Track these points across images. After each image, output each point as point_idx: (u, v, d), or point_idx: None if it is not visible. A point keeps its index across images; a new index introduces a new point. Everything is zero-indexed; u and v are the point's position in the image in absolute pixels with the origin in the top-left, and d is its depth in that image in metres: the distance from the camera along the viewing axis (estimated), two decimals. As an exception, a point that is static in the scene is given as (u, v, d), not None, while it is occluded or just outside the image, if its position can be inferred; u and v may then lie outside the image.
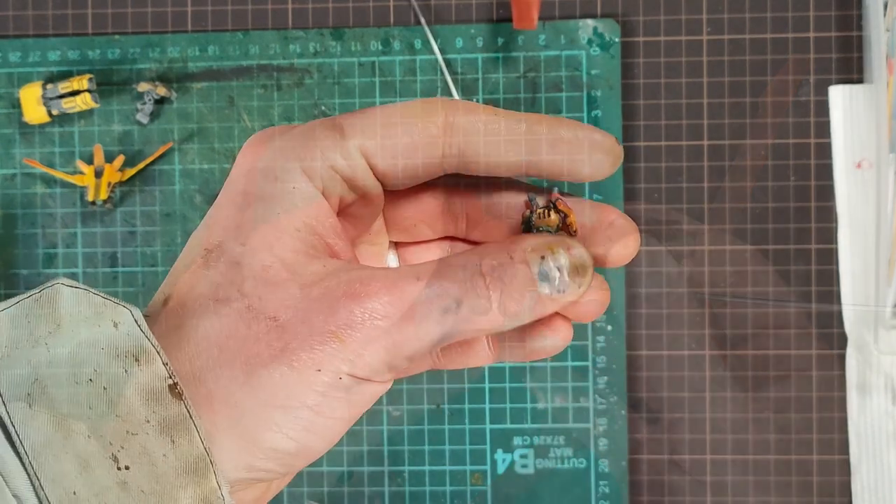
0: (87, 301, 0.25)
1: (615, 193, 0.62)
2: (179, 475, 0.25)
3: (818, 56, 0.62)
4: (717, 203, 0.63)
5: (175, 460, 0.25)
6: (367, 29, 0.63)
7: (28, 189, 0.65)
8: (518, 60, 0.63)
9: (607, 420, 0.63)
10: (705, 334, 0.63)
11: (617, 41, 0.62)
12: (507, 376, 0.63)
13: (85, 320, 0.25)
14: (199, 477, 0.25)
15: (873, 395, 0.61)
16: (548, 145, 0.29)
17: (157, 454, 0.24)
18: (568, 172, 0.30)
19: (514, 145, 0.29)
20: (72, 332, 0.25)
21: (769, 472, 0.63)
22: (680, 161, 0.63)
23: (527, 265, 0.27)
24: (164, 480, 0.24)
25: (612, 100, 0.62)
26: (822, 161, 0.62)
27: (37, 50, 0.65)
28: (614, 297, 0.62)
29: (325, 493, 0.64)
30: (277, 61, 0.64)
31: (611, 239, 0.30)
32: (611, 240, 0.30)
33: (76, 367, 0.24)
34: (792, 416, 0.63)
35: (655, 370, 0.63)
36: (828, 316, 0.62)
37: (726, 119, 0.62)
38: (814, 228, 0.62)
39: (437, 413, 0.64)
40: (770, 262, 0.63)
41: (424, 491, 0.64)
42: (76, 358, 0.24)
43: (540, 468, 0.63)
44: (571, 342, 0.62)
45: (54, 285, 0.25)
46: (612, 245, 0.30)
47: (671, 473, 0.63)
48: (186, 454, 0.25)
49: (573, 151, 0.29)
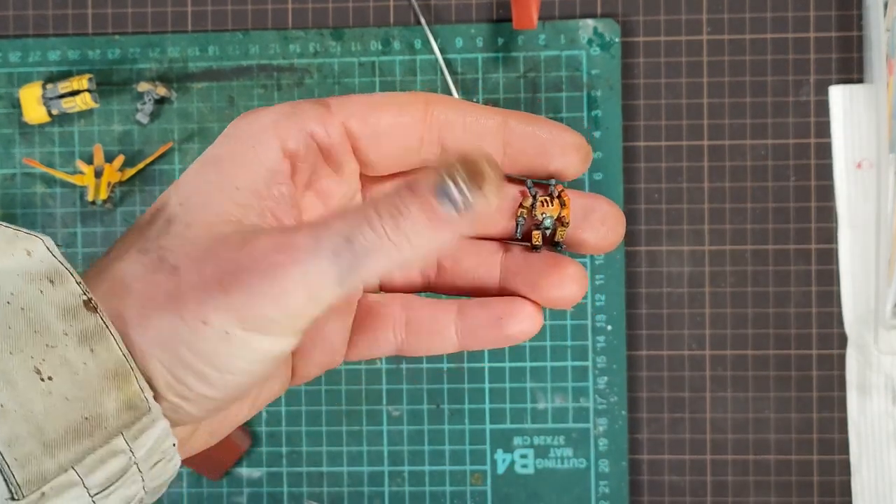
0: (1, 234, 0.26)
1: (615, 193, 0.62)
2: (101, 381, 0.26)
3: (818, 56, 0.62)
4: (717, 203, 0.63)
5: (96, 367, 0.26)
6: (367, 29, 0.63)
7: (28, 189, 0.65)
8: (518, 60, 0.63)
9: (607, 420, 0.63)
10: (705, 334, 0.63)
11: (617, 41, 0.62)
12: (507, 376, 0.63)
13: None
14: (120, 381, 0.26)
15: (873, 394, 0.61)
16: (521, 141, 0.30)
17: (77, 363, 0.26)
18: (540, 169, 0.31)
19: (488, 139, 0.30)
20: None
21: (769, 472, 0.63)
22: (680, 161, 0.63)
23: (421, 188, 0.26)
24: (87, 387, 0.26)
25: (612, 100, 0.62)
26: (822, 161, 0.62)
27: (37, 50, 0.65)
28: (615, 297, 0.62)
29: (325, 493, 0.64)
30: (277, 61, 0.64)
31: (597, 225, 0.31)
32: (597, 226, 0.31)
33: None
34: (792, 416, 0.63)
35: (655, 370, 0.63)
36: (828, 316, 0.62)
37: (726, 119, 0.62)
38: (814, 228, 0.62)
39: (437, 413, 0.64)
40: (770, 263, 0.63)
41: (424, 491, 0.64)
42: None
43: (540, 468, 0.63)
44: (571, 342, 0.63)
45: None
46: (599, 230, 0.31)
47: (671, 473, 0.63)
48: (106, 361, 0.26)
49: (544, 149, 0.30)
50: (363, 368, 0.64)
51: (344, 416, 0.64)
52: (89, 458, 0.26)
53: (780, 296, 0.62)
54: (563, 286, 0.30)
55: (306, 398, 0.64)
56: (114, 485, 0.27)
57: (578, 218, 0.31)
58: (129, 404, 0.27)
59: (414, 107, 0.30)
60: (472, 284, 0.33)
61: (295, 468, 0.64)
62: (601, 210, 0.31)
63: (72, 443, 0.26)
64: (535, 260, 0.31)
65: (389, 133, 0.30)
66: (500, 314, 0.31)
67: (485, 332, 0.31)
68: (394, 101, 0.30)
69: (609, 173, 0.62)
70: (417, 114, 0.30)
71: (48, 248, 0.26)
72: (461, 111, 0.30)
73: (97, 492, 0.26)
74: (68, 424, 0.26)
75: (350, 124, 0.30)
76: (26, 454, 0.25)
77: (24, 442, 0.25)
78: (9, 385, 0.25)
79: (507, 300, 0.31)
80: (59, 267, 0.26)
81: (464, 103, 0.31)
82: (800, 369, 0.62)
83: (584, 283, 0.31)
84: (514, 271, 0.32)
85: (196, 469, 0.64)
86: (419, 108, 0.30)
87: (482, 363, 0.63)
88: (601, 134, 0.62)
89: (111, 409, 0.26)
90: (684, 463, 0.63)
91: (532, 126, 0.31)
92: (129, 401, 0.26)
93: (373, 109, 0.30)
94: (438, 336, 0.32)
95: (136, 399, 0.27)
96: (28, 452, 0.25)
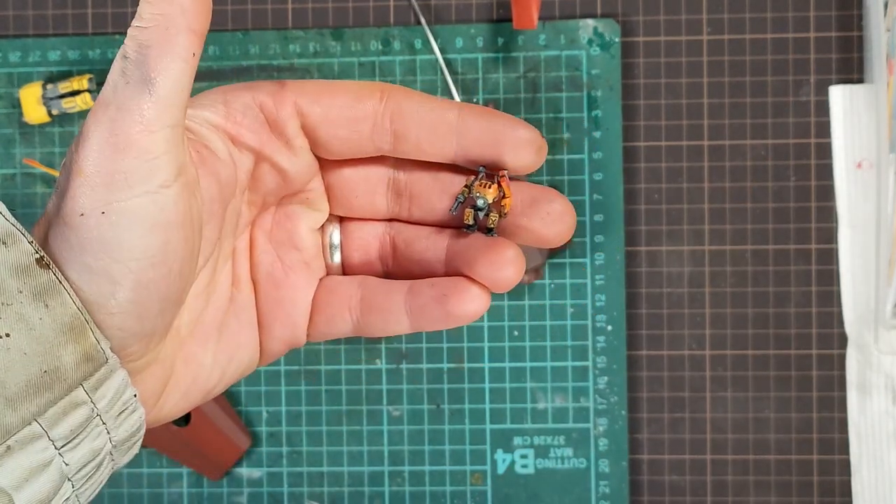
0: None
1: (615, 193, 0.62)
2: (58, 335, 0.27)
3: (818, 56, 0.62)
4: (717, 203, 0.63)
5: (51, 322, 0.27)
6: (367, 29, 0.63)
7: (28, 189, 0.65)
8: (518, 60, 0.63)
9: (607, 420, 0.63)
10: (705, 334, 0.63)
11: (617, 41, 0.62)
12: (507, 376, 0.63)
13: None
14: (76, 334, 0.27)
15: (873, 394, 0.62)
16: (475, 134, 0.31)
17: (33, 319, 0.27)
18: (493, 162, 0.32)
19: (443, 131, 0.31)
20: None
21: (769, 472, 0.63)
22: (680, 161, 0.63)
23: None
24: (44, 341, 0.27)
25: (612, 100, 0.62)
26: (822, 161, 0.62)
27: (37, 50, 0.65)
28: (615, 297, 0.62)
29: (325, 493, 0.64)
30: (277, 61, 0.64)
31: (542, 214, 0.32)
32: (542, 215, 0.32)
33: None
34: (792, 416, 0.63)
35: (655, 370, 0.63)
36: (828, 316, 0.62)
37: (726, 119, 0.62)
38: (814, 228, 0.62)
39: (438, 413, 0.64)
40: (770, 263, 0.63)
41: (424, 491, 0.64)
42: None
43: (540, 468, 0.63)
44: (571, 342, 0.63)
45: None
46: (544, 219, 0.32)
47: (671, 473, 0.63)
48: (61, 315, 0.27)
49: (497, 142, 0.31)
50: (363, 368, 0.64)
51: (344, 416, 0.64)
52: (51, 410, 0.27)
53: (780, 296, 0.62)
54: (500, 268, 0.31)
55: (307, 398, 0.64)
56: (78, 436, 0.28)
57: (525, 205, 0.32)
58: (87, 356, 0.27)
59: (369, 93, 0.31)
60: (421, 266, 0.33)
61: (295, 468, 0.64)
62: (548, 200, 0.32)
63: (33, 396, 0.26)
64: (477, 242, 0.32)
65: (339, 115, 0.31)
66: (445, 292, 0.32)
67: (432, 311, 0.32)
68: (349, 87, 0.32)
69: (609, 173, 0.62)
70: (371, 100, 0.31)
71: (1, 212, 0.27)
72: (417, 102, 0.31)
73: (63, 444, 0.27)
74: (28, 379, 0.26)
75: (301, 102, 0.31)
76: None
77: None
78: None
79: (453, 279, 0.32)
80: (12, 229, 0.27)
81: (421, 95, 0.32)
82: (800, 369, 0.63)
83: (520, 267, 0.31)
84: (456, 252, 0.32)
85: (196, 469, 0.64)
86: (374, 96, 0.31)
87: (482, 363, 0.63)
88: (601, 134, 0.62)
89: (69, 361, 0.27)
90: (684, 463, 0.63)
91: (486, 120, 0.31)
92: (86, 353, 0.27)
93: (326, 91, 0.32)
94: (391, 315, 0.33)
95: (93, 351, 0.28)
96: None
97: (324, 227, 0.35)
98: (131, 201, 0.28)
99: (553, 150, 0.63)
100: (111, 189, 0.27)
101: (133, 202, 0.28)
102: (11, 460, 0.26)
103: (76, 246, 0.28)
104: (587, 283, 0.63)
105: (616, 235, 0.62)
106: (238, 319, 0.33)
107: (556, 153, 0.63)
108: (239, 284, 0.34)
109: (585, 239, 0.62)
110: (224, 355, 0.33)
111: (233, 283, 0.33)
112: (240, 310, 0.33)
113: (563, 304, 0.63)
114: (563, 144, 0.63)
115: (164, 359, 0.31)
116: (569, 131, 0.63)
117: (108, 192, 0.27)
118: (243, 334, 0.33)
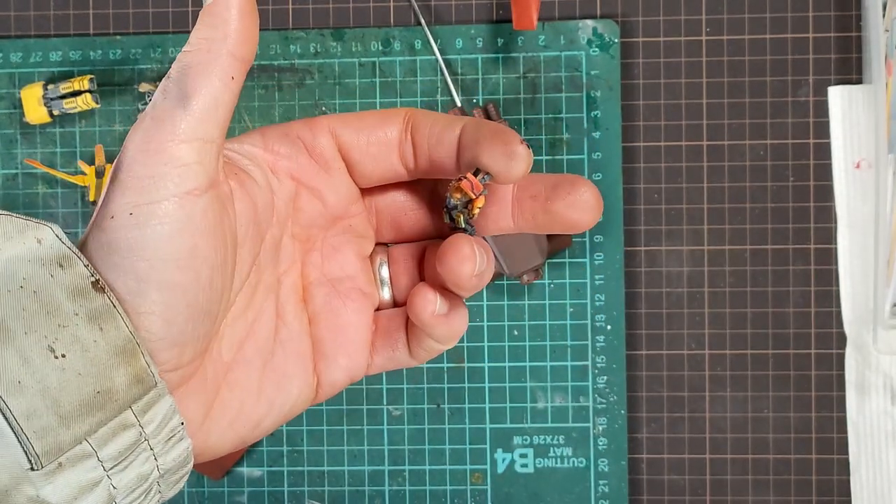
0: (11, 224, 0.29)
1: (615, 194, 0.62)
2: (111, 357, 0.28)
3: (817, 56, 0.62)
4: (717, 203, 0.63)
5: (105, 345, 0.28)
6: (367, 29, 0.64)
7: (29, 189, 0.65)
8: (518, 61, 0.63)
9: (607, 419, 0.63)
10: (704, 334, 0.63)
11: (616, 42, 0.62)
12: (507, 376, 0.63)
13: (10, 240, 0.28)
14: (129, 357, 0.28)
15: (872, 394, 0.62)
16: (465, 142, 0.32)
17: (88, 341, 0.28)
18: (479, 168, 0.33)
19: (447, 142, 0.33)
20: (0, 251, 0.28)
21: (768, 472, 0.63)
22: (679, 161, 0.63)
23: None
24: (98, 363, 0.28)
25: (611, 100, 0.62)
26: (821, 161, 0.62)
27: (38, 50, 0.65)
28: (614, 297, 0.62)
29: (325, 493, 0.64)
30: (278, 62, 0.64)
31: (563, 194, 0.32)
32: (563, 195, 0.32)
33: (7, 279, 0.28)
34: (791, 416, 0.63)
35: (655, 370, 0.63)
36: (827, 315, 0.63)
37: (725, 119, 0.63)
38: (813, 228, 0.62)
39: (438, 412, 0.64)
40: (769, 263, 0.63)
41: (425, 490, 0.64)
42: (6, 271, 0.28)
43: (540, 467, 0.63)
44: (571, 342, 0.63)
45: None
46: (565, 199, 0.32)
47: (670, 472, 0.63)
48: (115, 338, 0.28)
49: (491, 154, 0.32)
50: (363, 368, 0.64)
51: (345, 416, 0.64)
52: (102, 430, 0.28)
53: (779, 295, 0.63)
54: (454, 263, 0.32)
55: (307, 397, 0.64)
56: (126, 459, 0.29)
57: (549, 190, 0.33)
58: (137, 378, 0.28)
59: (394, 113, 0.34)
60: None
61: (296, 467, 0.64)
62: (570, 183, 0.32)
63: (85, 415, 0.27)
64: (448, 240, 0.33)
65: (370, 135, 0.33)
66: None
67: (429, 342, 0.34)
68: (375, 111, 0.34)
69: (608, 174, 0.62)
70: (396, 119, 0.33)
71: (56, 235, 0.29)
72: (431, 118, 0.33)
73: (112, 465, 0.28)
74: (82, 398, 0.27)
75: (333, 125, 0.34)
76: (43, 426, 0.27)
77: (41, 415, 0.27)
78: (26, 363, 0.27)
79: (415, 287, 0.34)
80: (67, 252, 0.28)
81: (434, 115, 0.33)
82: (799, 369, 0.63)
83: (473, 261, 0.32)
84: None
85: (197, 468, 0.64)
86: (399, 116, 0.33)
87: (482, 363, 0.63)
88: (600, 134, 0.62)
89: (121, 383, 0.28)
90: (683, 462, 0.63)
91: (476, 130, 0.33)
92: (136, 375, 0.28)
93: (355, 116, 0.34)
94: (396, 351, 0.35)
95: (143, 373, 0.29)
96: (45, 425, 0.27)
97: (372, 261, 0.36)
98: (159, 204, 0.29)
99: (553, 150, 0.63)
100: (140, 192, 0.29)
101: (161, 205, 0.29)
102: (62, 477, 0.27)
103: (106, 246, 0.29)
104: (587, 283, 0.63)
105: (615, 235, 0.63)
106: (284, 350, 0.34)
107: (555, 153, 0.63)
108: (285, 318, 0.34)
109: (585, 239, 0.63)
110: (271, 385, 0.34)
111: (277, 316, 0.34)
112: (286, 341, 0.34)
113: (562, 303, 0.63)
114: (562, 145, 0.63)
115: (204, 381, 0.32)
116: (568, 132, 0.63)
117: (137, 195, 0.29)
118: (290, 365, 0.34)
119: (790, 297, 0.63)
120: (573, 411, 0.63)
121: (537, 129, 0.63)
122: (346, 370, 0.35)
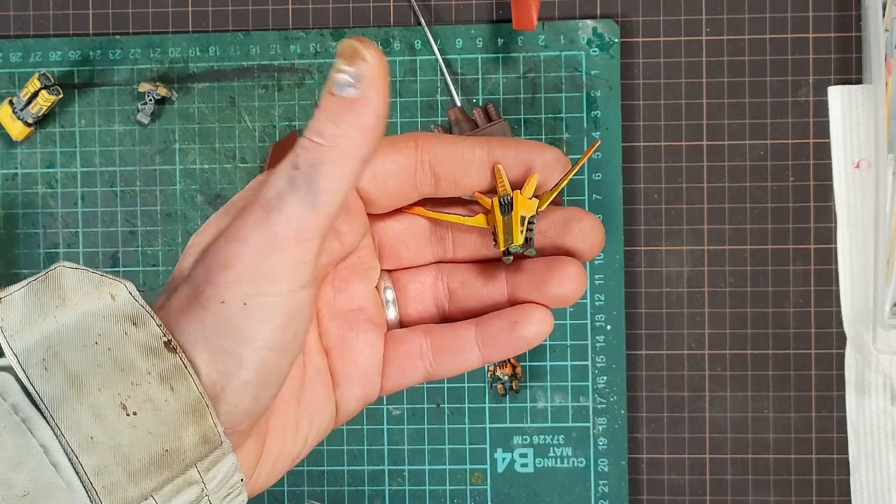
0: (87, 279, 0.29)
1: (615, 193, 0.62)
2: (181, 417, 0.28)
3: (817, 56, 0.62)
4: (717, 203, 0.63)
5: (176, 404, 0.28)
6: (367, 29, 0.64)
7: (29, 189, 0.65)
8: (518, 61, 0.63)
9: (607, 419, 0.63)
10: (704, 334, 0.63)
11: (616, 41, 0.62)
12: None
13: (86, 295, 0.29)
14: (197, 417, 0.29)
15: (872, 394, 0.62)
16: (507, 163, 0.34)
17: (159, 400, 0.28)
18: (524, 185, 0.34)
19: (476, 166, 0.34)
20: (76, 306, 0.29)
21: (768, 471, 0.63)
22: (679, 161, 0.63)
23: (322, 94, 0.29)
24: (168, 422, 0.28)
25: (611, 100, 0.62)
26: (820, 161, 0.62)
27: (38, 50, 0.65)
28: (614, 297, 0.62)
29: (325, 492, 0.64)
30: (278, 62, 0.64)
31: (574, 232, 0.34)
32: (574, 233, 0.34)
33: (83, 333, 0.28)
34: (791, 416, 0.63)
35: (654, 369, 0.63)
36: (827, 315, 0.63)
37: (725, 119, 0.63)
38: (813, 228, 0.62)
39: (437, 412, 0.64)
40: (769, 262, 0.63)
41: (424, 490, 0.64)
42: (82, 326, 0.28)
43: (540, 467, 0.63)
44: (571, 341, 0.63)
45: (57, 268, 0.29)
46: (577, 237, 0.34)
47: (670, 472, 0.63)
48: (185, 398, 0.28)
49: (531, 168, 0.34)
50: (363, 368, 0.64)
51: (344, 416, 0.64)
52: (167, 487, 0.28)
53: (778, 295, 0.63)
54: (565, 283, 0.33)
55: (307, 397, 0.64)
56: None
57: (559, 226, 0.34)
58: (205, 438, 0.29)
59: (404, 143, 0.33)
60: (483, 302, 0.36)
61: (296, 467, 0.64)
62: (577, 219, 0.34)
63: (153, 473, 0.28)
64: (537, 264, 0.34)
65: (385, 170, 0.33)
66: (515, 319, 0.34)
67: (503, 339, 0.34)
68: (384, 142, 0.33)
69: (608, 173, 0.62)
70: (407, 149, 0.33)
71: (130, 292, 0.29)
72: (449, 144, 0.34)
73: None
74: (151, 456, 0.28)
75: None
76: (113, 482, 0.27)
77: (111, 471, 0.27)
78: (98, 419, 0.27)
79: (519, 307, 0.34)
80: (141, 310, 0.29)
81: (448, 138, 0.34)
82: (798, 369, 0.63)
83: (583, 280, 0.34)
84: (520, 278, 0.35)
85: (197, 468, 0.64)
86: (409, 145, 0.33)
87: (482, 362, 0.63)
88: (601, 134, 0.62)
89: (189, 443, 0.29)
90: (683, 462, 0.63)
91: (514, 149, 0.34)
92: (204, 435, 0.29)
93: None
94: (462, 352, 0.35)
95: (210, 433, 0.29)
96: (114, 481, 0.27)
97: (378, 285, 0.37)
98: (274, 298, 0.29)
99: (553, 150, 0.63)
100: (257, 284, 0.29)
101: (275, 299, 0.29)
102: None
103: (211, 328, 0.29)
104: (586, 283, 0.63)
105: (615, 235, 0.63)
106: (313, 386, 0.35)
107: (555, 153, 0.63)
108: (310, 354, 0.35)
109: (585, 239, 0.63)
110: (305, 421, 0.34)
111: (304, 353, 0.35)
112: (314, 376, 0.35)
113: (562, 303, 0.63)
114: (562, 145, 0.63)
115: (257, 433, 0.32)
116: (568, 131, 0.63)
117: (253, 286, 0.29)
118: (318, 399, 0.35)
119: (790, 296, 0.63)
120: (573, 411, 0.63)
121: (537, 129, 0.63)
122: (359, 399, 0.36)
